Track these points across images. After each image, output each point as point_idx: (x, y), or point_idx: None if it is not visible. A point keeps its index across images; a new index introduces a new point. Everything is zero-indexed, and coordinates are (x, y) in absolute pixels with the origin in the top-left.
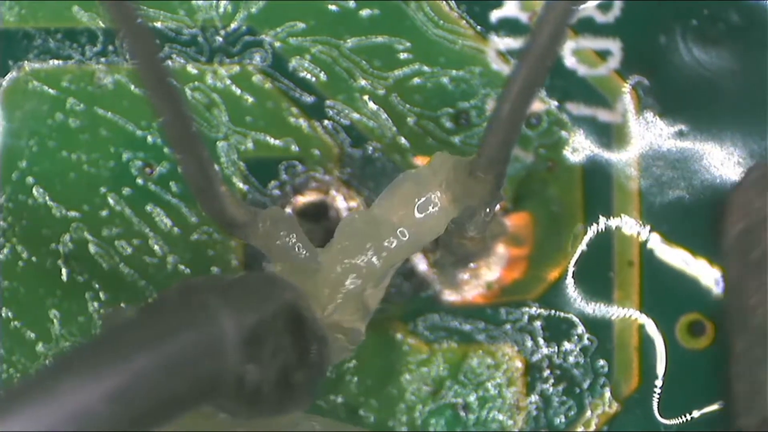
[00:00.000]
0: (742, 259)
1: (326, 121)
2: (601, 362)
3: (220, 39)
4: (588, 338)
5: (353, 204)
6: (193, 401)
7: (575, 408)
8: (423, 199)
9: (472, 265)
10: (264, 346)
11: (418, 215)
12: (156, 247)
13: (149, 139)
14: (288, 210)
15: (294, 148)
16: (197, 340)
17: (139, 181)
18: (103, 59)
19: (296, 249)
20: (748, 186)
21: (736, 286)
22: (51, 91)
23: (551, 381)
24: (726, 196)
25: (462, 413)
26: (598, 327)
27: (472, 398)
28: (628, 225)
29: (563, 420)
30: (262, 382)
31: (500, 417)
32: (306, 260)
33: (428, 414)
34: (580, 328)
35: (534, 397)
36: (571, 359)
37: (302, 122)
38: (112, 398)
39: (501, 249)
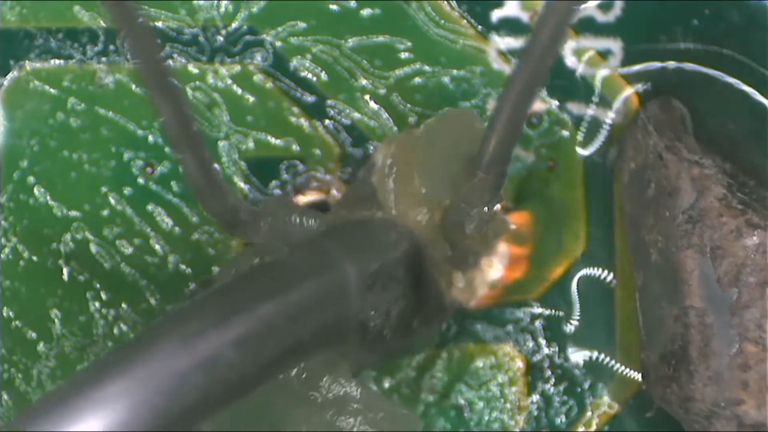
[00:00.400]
0: (638, 195)
1: (327, 121)
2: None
3: (221, 39)
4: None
5: None
6: (317, 347)
7: (576, 408)
8: None
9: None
10: (386, 291)
11: None
12: (157, 247)
13: (150, 138)
14: None
15: (295, 147)
16: (321, 286)
17: (140, 180)
18: (104, 59)
19: (305, 222)
20: (643, 123)
21: (634, 220)
22: (52, 90)
23: (552, 381)
24: None
25: (464, 413)
26: (600, 327)
27: (474, 398)
28: None
29: (564, 420)
30: (384, 328)
31: (502, 417)
32: (317, 229)
33: (432, 414)
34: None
35: (535, 397)
36: (573, 359)
37: (303, 122)
38: (241, 344)
39: (502, 248)
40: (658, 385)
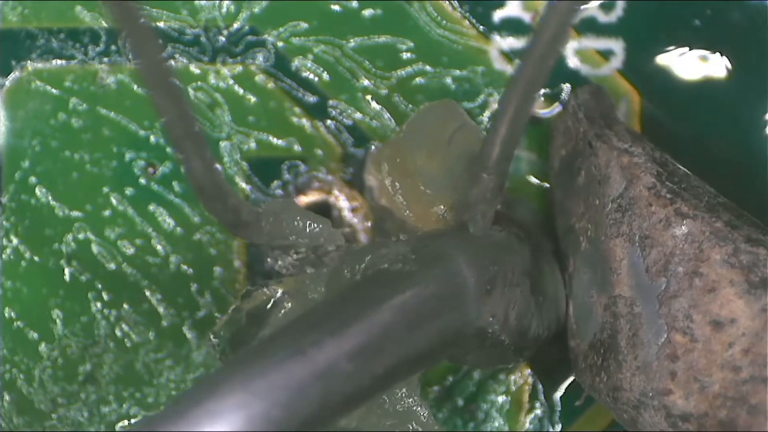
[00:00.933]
0: (568, 183)
1: (329, 121)
2: None
3: (223, 39)
4: None
5: (356, 204)
6: (434, 355)
7: (579, 408)
8: None
9: None
10: (505, 295)
11: None
12: (159, 247)
13: (152, 138)
14: None
15: (297, 147)
16: (438, 291)
17: (142, 180)
18: (105, 59)
19: (308, 227)
20: (573, 110)
21: (562, 208)
22: (54, 90)
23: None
24: None
25: (468, 413)
26: None
27: (477, 398)
28: None
29: (567, 420)
30: (502, 333)
31: (506, 417)
32: (320, 233)
33: (437, 414)
34: None
35: (538, 398)
36: None
37: (305, 122)
38: (357, 355)
39: None
40: (587, 374)
